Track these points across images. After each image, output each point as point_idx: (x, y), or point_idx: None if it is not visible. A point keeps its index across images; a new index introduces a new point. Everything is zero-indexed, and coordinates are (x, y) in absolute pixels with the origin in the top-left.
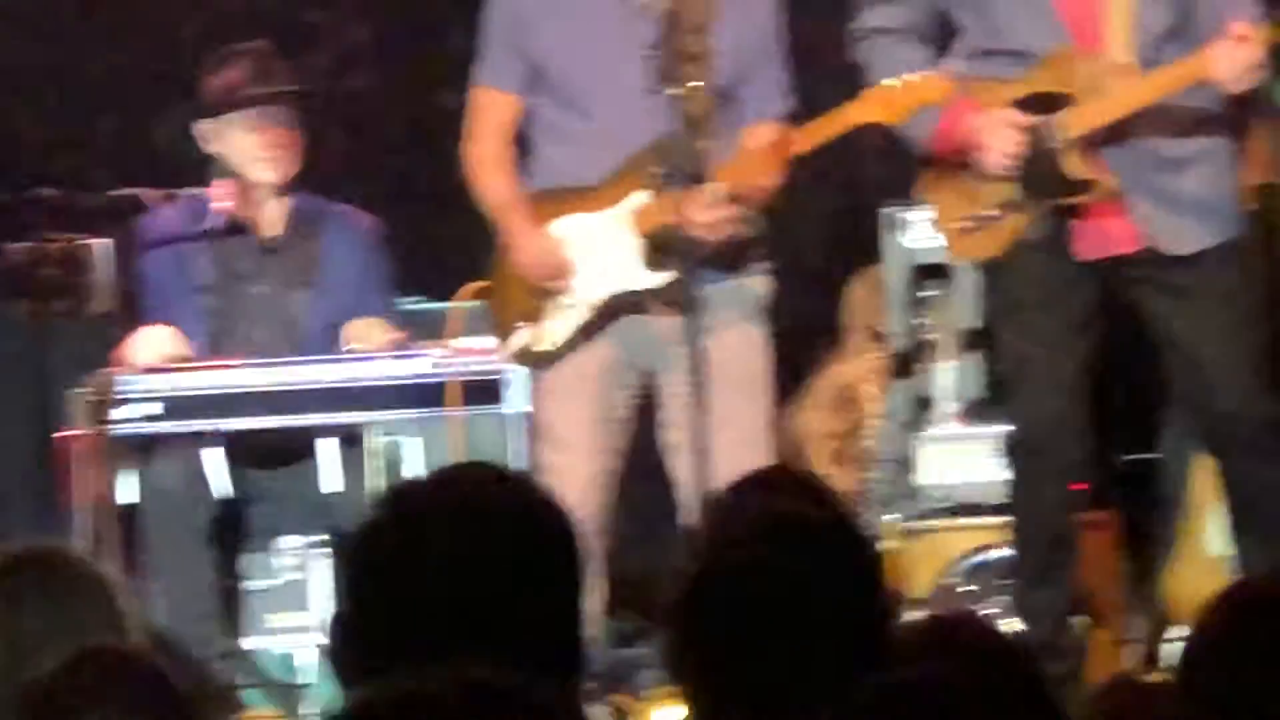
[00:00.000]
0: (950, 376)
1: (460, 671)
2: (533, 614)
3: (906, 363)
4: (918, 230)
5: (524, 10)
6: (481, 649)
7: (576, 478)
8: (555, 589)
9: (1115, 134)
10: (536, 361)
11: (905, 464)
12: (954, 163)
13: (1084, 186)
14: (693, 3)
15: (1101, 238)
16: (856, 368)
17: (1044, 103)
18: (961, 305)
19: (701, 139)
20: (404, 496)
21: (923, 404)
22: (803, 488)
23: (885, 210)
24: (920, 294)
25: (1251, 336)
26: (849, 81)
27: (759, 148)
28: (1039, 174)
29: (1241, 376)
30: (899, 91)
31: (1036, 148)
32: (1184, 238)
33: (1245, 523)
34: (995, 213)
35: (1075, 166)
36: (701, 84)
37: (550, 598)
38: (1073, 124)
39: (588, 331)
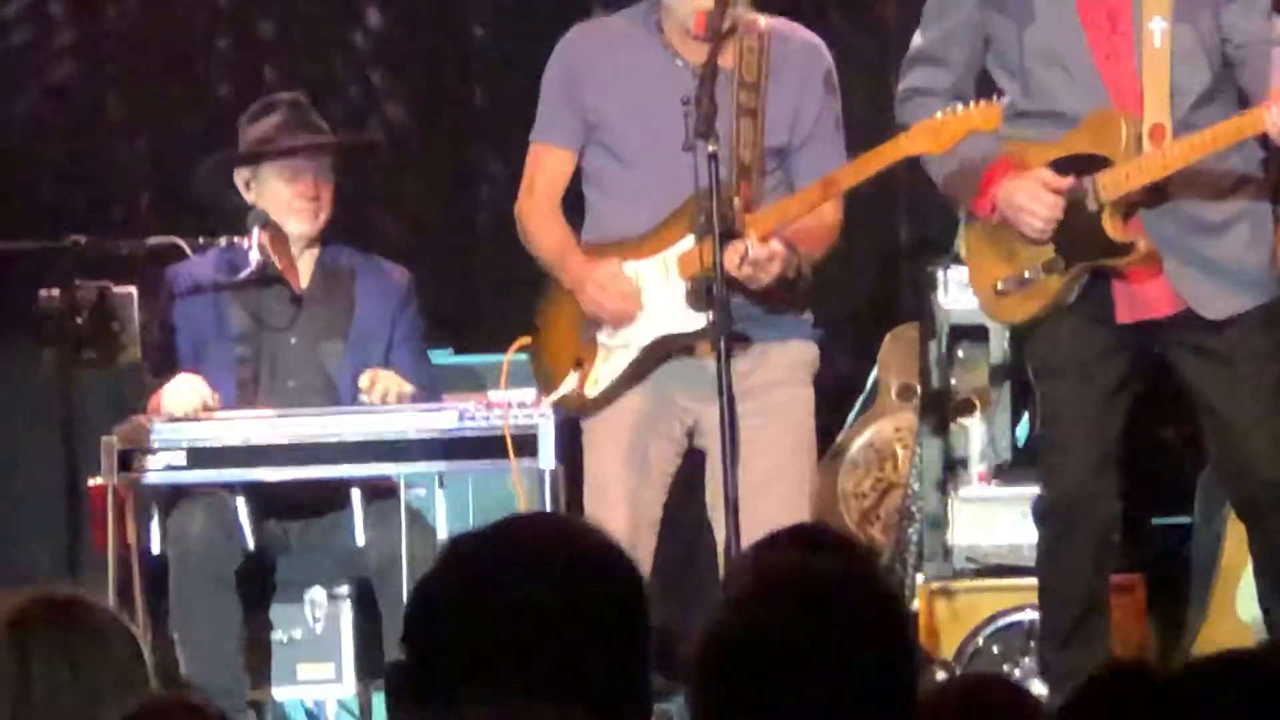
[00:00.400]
0: (983, 437)
1: (523, 715)
2: (596, 662)
3: (940, 422)
4: (954, 290)
5: (578, 67)
6: (544, 697)
7: (614, 527)
8: (619, 637)
9: (1153, 197)
10: (583, 407)
11: (937, 523)
12: (993, 223)
13: (1123, 249)
14: (747, 62)
15: (1138, 301)
16: (890, 426)
17: (1083, 164)
18: (996, 366)
19: (743, 191)
20: (466, 545)
21: (956, 464)
22: (835, 545)
23: (923, 268)
24: (954, 353)
25: None
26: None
27: (808, 195)
28: (1077, 236)
29: (1277, 442)
30: (947, 120)
31: (1075, 209)
32: (1221, 302)
33: (1276, 589)
34: (1032, 275)
35: (1114, 229)
36: (752, 138)
37: (614, 646)
38: (1111, 186)
39: (635, 375)
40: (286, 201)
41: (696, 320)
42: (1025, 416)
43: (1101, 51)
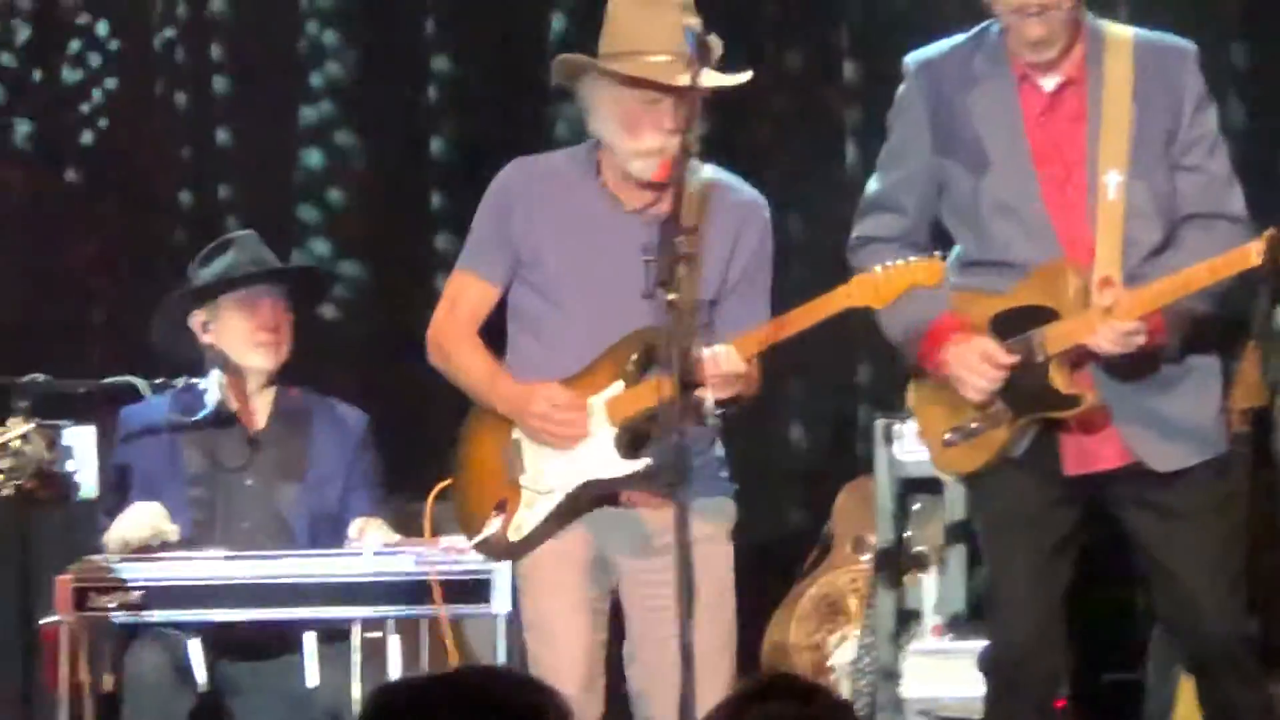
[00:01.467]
0: (937, 590)
1: None
2: None
3: (894, 575)
4: (908, 442)
5: (514, 204)
6: None
7: (565, 670)
8: None
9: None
10: (506, 552)
11: (890, 676)
12: (940, 376)
13: (1070, 401)
14: (689, 208)
15: (1087, 454)
16: (844, 577)
17: (1030, 316)
18: (949, 519)
19: (687, 337)
20: (392, 696)
21: (909, 616)
22: (807, 695)
23: (876, 421)
24: (909, 506)
25: (1234, 556)
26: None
27: (744, 340)
28: (1024, 388)
29: (1225, 597)
30: (889, 275)
31: (1023, 362)
32: (1169, 456)
33: None
34: (980, 426)
35: (1061, 381)
36: (690, 285)
37: None
38: (1057, 339)
39: (559, 520)
40: (247, 335)
41: (625, 467)
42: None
43: (1055, 202)
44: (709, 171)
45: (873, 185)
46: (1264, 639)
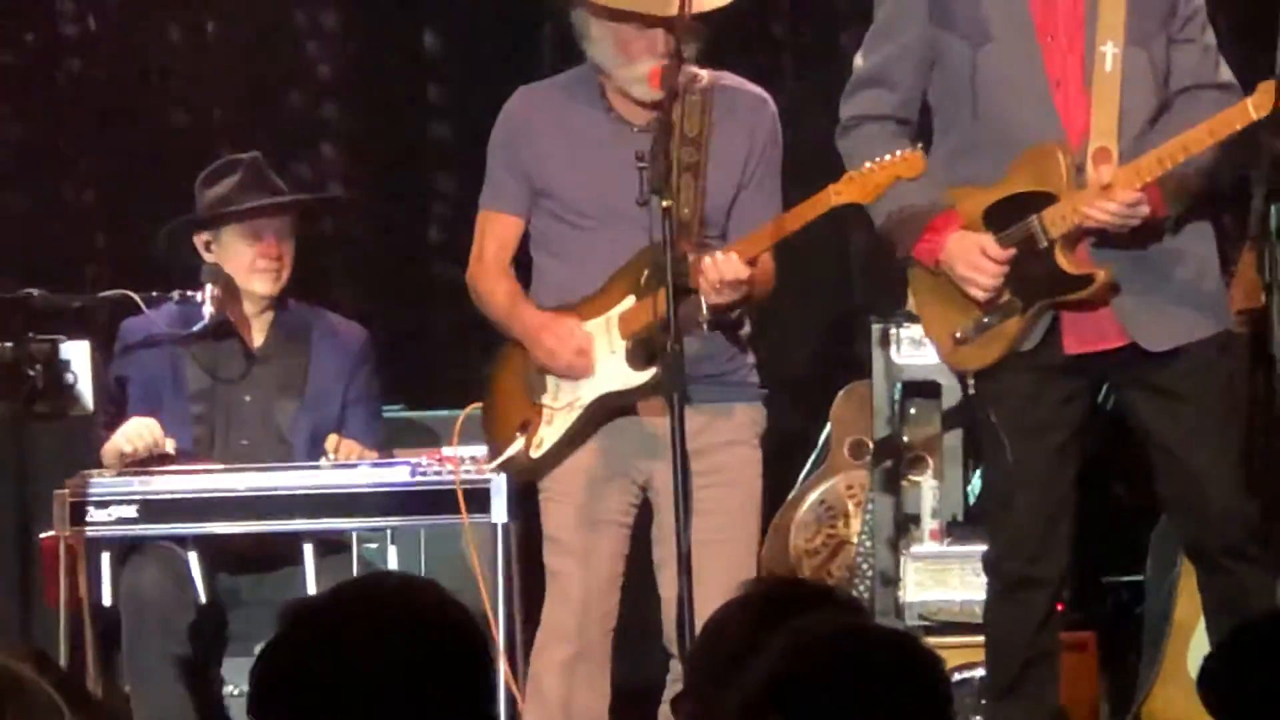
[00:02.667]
0: (935, 493)
1: None
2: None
3: (892, 479)
4: (906, 346)
5: (521, 133)
6: None
7: (579, 582)
8: (463, 692)
9: (1097, 229)
10: (529, 470)
11: (889, 580)
12: (937, 272)
13: (1082, 281)
14: (690, 118)
15: (1086, 334)
16: (842, 483)
17: (1026, 202)
18: (948, 422)
19: (689, 247)
20: (304, 613)
21: (907, 520)
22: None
23: (873, 324)
24: (906, 409)
25: (1236, 435)
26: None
27: (743, 244)
28: (1032, 275)
29: (1229, 476)
30: (873, 170)
31: (1026, 249)
32: (1164, 335)
33: (1226, 630)
34: (991, 319)
35: (1069, 263)
36: (692, 194)
37: (459, 701)
38: (1058, 221)
39: (579, 435)
40: (249, 262)
41: (638, 378)
42: (978, 474)
43: (1055, 74)
44: (710, 76)
45: (860, 62)
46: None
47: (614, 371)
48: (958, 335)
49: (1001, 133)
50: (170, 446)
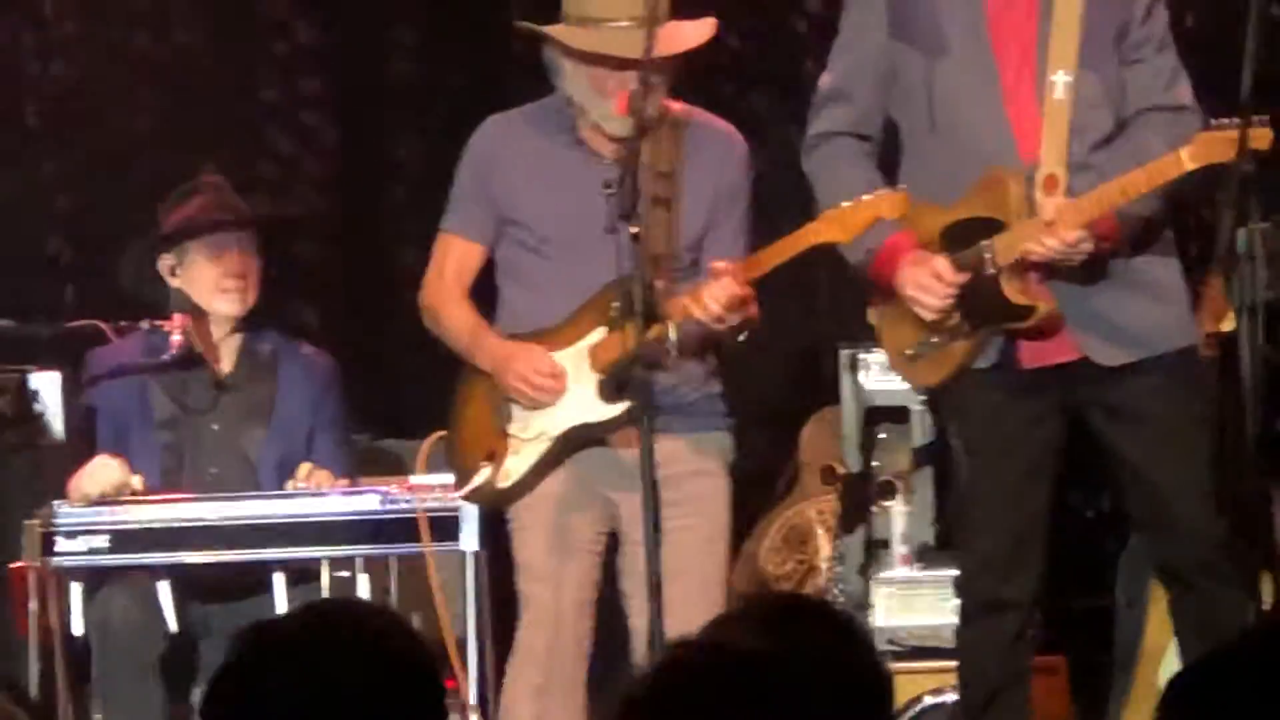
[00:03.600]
0: (904, 519)
1: None
2: None
3: (861, 504)
4: (875, 371)
5: (491, 161)
6: None
7: (551, 608)
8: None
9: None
10: (496, 500)
11: (859, 606)
12: (895, 295)
13: (1024, 312)
14: (662, 152)
15: (1044, 346)
16: (811, 509)
17: (977, 228)
18: (918, 448)
19: (659, 277)
20: (262, 633)
21: (877, 546)
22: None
23: (841, 350)
24: (875, 435)
25: (1204, 452)
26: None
27: (724, 270)
28: (979, 300)
29: (1198, 494)
30: (855, 208)
31: (975, 274)
32: (1117, 350)
33: (1196, 652)
34: (940, 340)
35: (1013, 292)
36: (664, 227)
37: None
38: (1005, 250)
39: (546, 465)
40: (214, 282)
41: (609, 411)
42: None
43: (1009, 87)
44: (682, 110)
45: (825, 79)
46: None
47: (585, 403)
48: (909, 352)
49: (956, 145)
50: (137, 482)
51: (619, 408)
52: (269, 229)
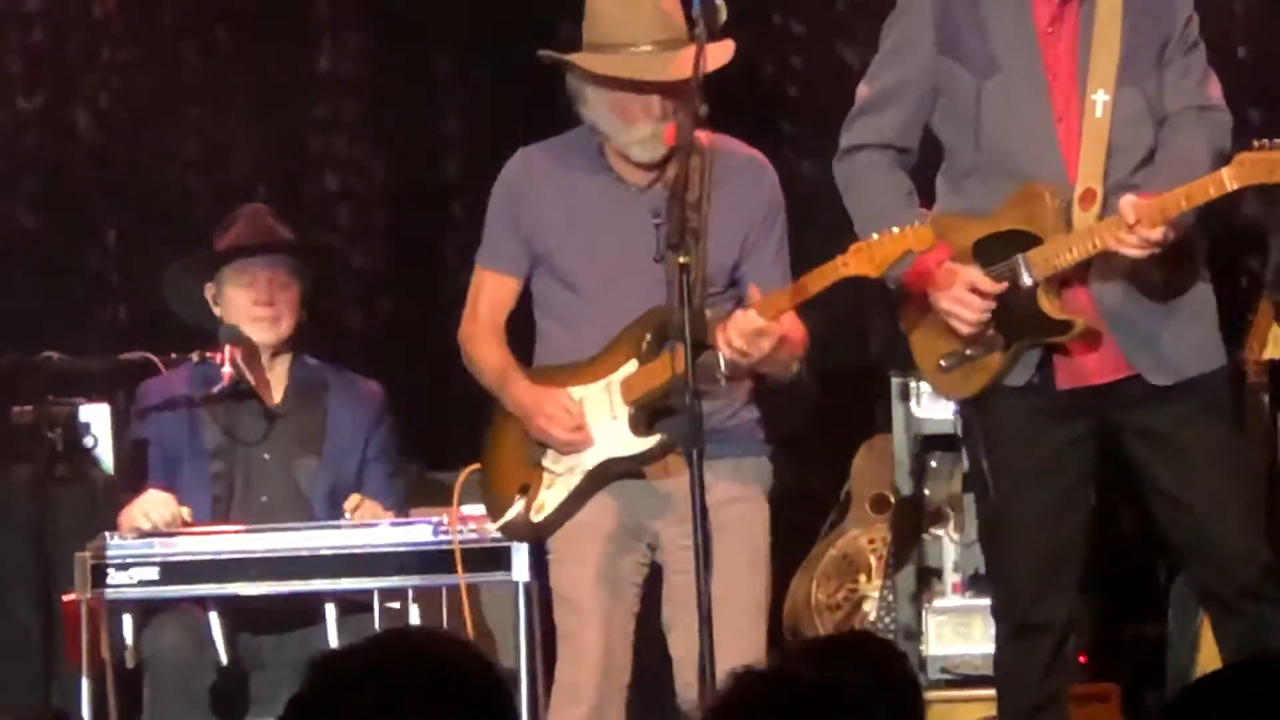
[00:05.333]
0: (956, 547)
1: None
2: None
3: (913, 532)
4: (926, 400)
5: (523, 195)
6: None
7: (592, 640)
8: None
9: (1091, 267)
10: (529, 532)
11: (911, 634)
12: (929, 304)
13: (1061, 326)
14: (692, 179)
15: (1077, 369)
16: (863, 537)
17: (1012, 241)
18: (968, 475)
19: (700, 304)
20: (333, 664)
21: (929, 574)
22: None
23: (893, 378)
24: (926, 463)
25: (1246, 474)
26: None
27: (761, 302)
28: (1015, 314)
29: (1242, 517)
30: (882, 242)
31: (1011, 288)
32: (1168, 367)
33: None
34: (974, 352)
35: (1050, 306)
36: (695, 255)
37: None
38: (1041, 264)
39: (579, 498)
40: (246, 309)
41: (641, 444)
42: None
43: (1059, 109)
44: (709, 139)
45: (864, 90)
46: None
47: (616, 437)
48: (942, 364)
49: (1003, 165)
50: (186, 515)
51: (651, 441)
52: (304, 255)
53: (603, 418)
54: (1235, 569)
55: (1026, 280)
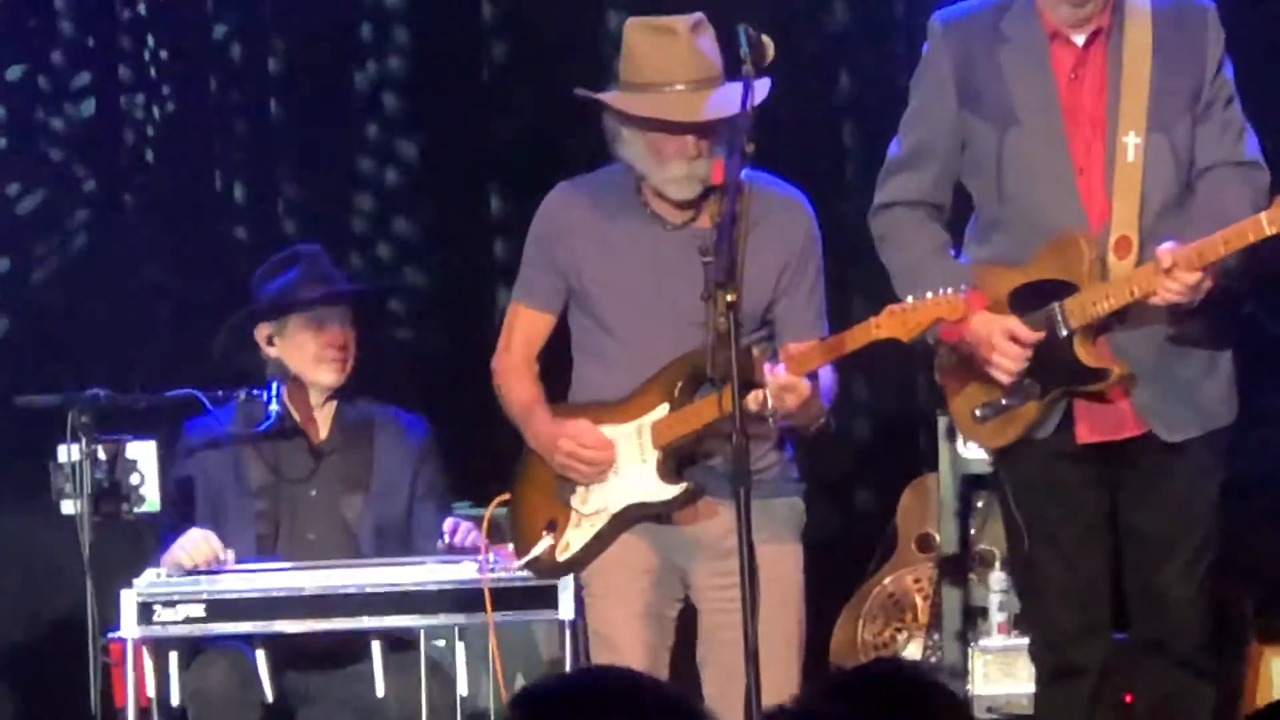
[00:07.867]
0: (1002, 586)
1: None
2: None
3: (959, 572)
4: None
5: (559, 231)
6: None
7: None
8: None
9: (1122, 318)
10: (554, 570)
11: (958, 673)
12: (964, 351)
13: (1098, 375)
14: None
15: (1099, 423)
16: (909, 576)
17: (1047, 290)
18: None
19: (739, 344)
20: (538, 696)
21: (975, 613)
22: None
23: (939, 418)
24: (972, 503)
25: (1207, 525)
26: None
27: (791, 359)
28: (1051, 362)
29: (1192, 563)
30: (913, 310)
31: (1048, 336)
32: (1178, 426)
33: None
34: (1010, 401)
35: (1086, 355)
36: (735, 297)
37: None
38: (1078, 312)
39: (602, 541)
40: (314, 353)
41: (668, 491)
42: None
43: (1079, 160)
44: (745, 174)
45: (894, 149)
46: None
47: (644, 482)
48: (977, 414)
49: (1025, 215)
50: (230, 556)
51: (678, 488)
52: (372, 301)
53: (632, 461)
54: (1179, 609)
55: (1063, 329)
